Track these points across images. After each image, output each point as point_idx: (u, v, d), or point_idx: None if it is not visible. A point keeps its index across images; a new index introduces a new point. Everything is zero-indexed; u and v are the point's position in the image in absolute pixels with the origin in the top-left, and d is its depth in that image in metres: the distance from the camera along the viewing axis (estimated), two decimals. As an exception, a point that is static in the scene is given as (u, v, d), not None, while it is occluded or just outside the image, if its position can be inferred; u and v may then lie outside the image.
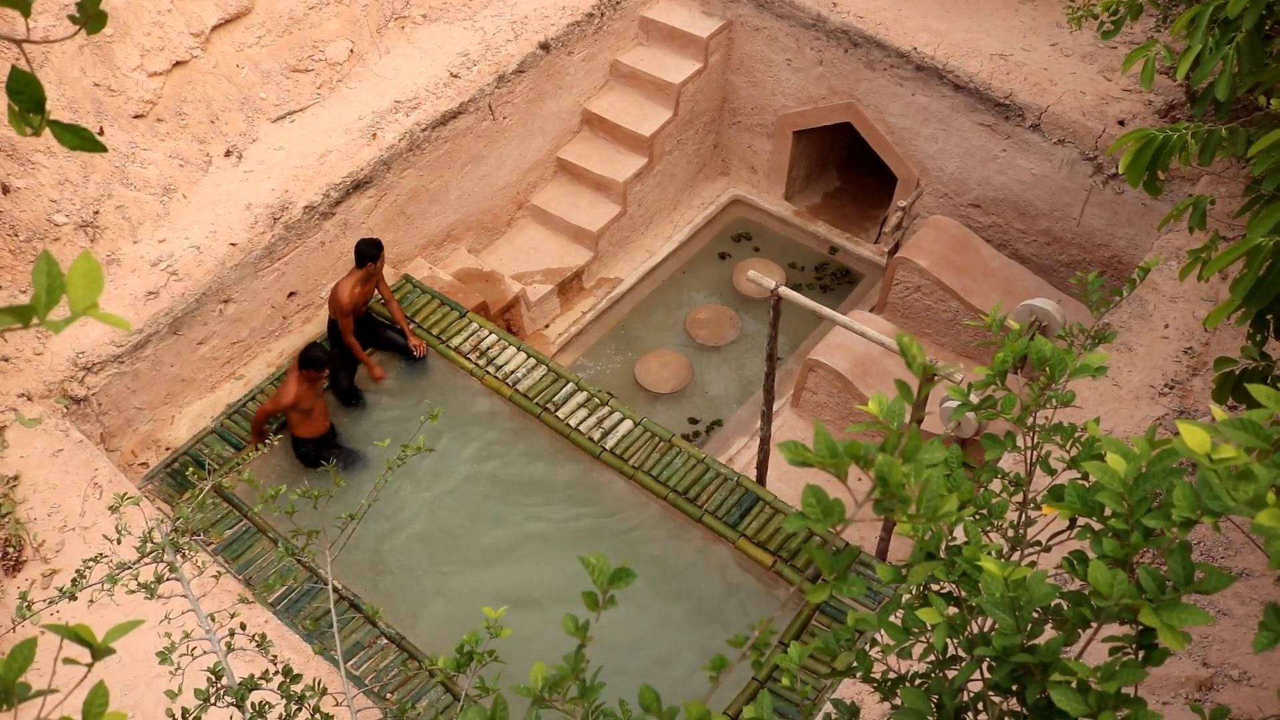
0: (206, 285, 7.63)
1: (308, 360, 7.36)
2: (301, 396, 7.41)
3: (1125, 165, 4.32)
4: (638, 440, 7.76)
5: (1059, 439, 2.87)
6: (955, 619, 2.34)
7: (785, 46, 10.02)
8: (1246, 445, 1.94)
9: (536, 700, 2.07)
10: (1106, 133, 8.39)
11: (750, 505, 7.36)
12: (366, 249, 7.88)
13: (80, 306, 1.16)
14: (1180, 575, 2.05)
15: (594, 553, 2.02)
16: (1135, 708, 2.03)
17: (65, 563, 6.14)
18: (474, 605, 7.09)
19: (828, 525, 1.80)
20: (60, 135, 1.47)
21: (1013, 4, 9.50)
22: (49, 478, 6.53)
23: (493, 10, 9.64)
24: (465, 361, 8.26)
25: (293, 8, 8.77)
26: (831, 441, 1.82)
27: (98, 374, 7.22)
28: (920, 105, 9.37)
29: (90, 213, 7.51)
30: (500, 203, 10.06)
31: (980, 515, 2.70)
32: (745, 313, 10.37)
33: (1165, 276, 7.21)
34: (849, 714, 2.71)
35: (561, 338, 9.97)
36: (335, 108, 8.75)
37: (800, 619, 6.83)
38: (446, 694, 6.39)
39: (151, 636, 3.88)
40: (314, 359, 7.36)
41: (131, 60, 7.89)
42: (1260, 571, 5.60)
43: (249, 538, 7.15)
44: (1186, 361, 6.74)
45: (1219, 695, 5.14)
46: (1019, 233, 9.53)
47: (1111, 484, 2.14)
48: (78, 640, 1.38)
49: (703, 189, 11.48)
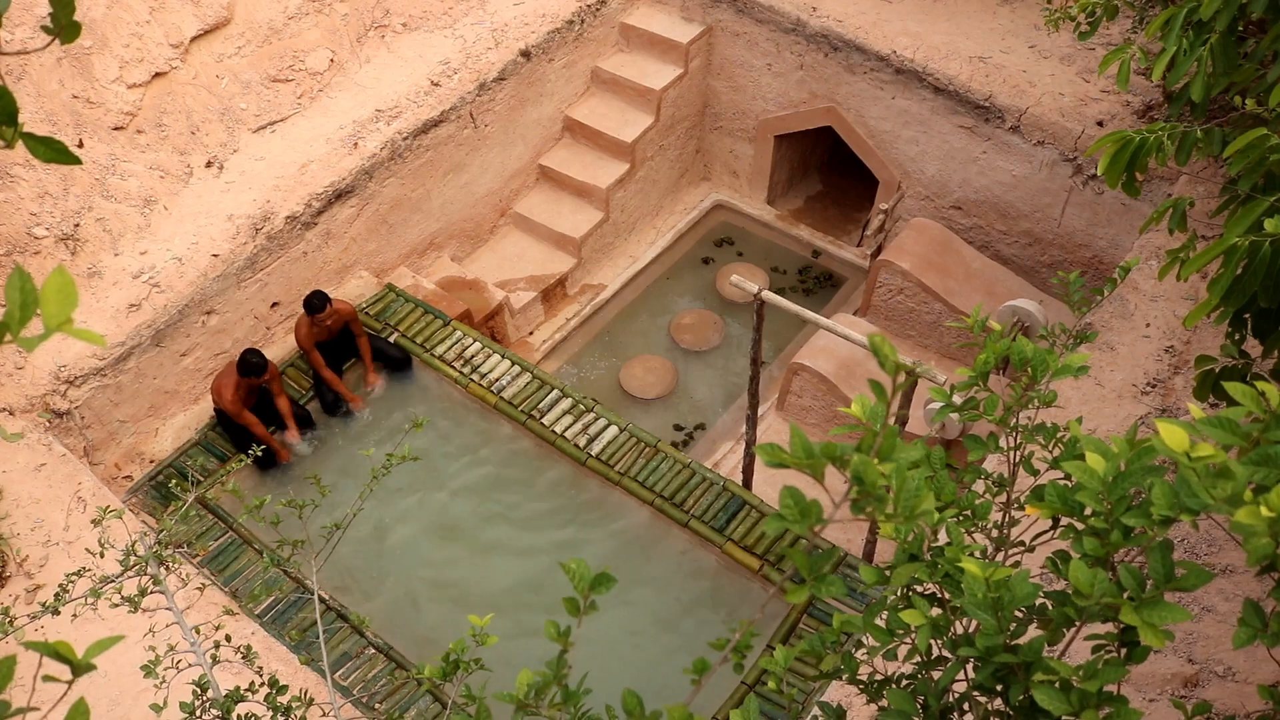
0: (189, 297, 7.60)
1: (245, 366, 7.41)
2: (240, 399, 7.51)
3: (1103, 167, 4.35)
4: (623, 446, 7.76)
5: (1041, 439, 2.88)
6: (939, 620, 2.34)
7: (765, 51, 10.05)
8: (1225, 443, 1.95)
9: (520, 707, 2.07)
10: (1086, 133, 8.44)
11: (736, 509, 7.37)
12: (309, 299, 7.79)
13: (54, 323, 1.16)
14: (1160, 573, 2.06)
15: (574, 558, 2.02)
16: (1117, 706, 2.03)
17: (49, 577, 6.10)
18: (460, 612, 7.07)
19: (806, 527, 1.80)
20: (33, 148, 1.47)
21: (991, 6, 9.55)
22: (32, 492, 6.49)
23: (473, 18, 9.64)
24: (449, 369, 8.25)
25: (272, 18, 8.75)
26: (807, 442, 1.82)
27: (80, 387, 7.18)
28: (901, 108, 9.41)
29: (71, 225, 7.47)
30: (483, 210, 10.05)
31: (964, 516, 2.71)
32: (729, 317, 10.39)
33: (1146, 276, 7.25)
34: (835, 716, 2.71)
35: (546, 344, 9.97)
36: (316, 117, 8.73)
37: (788, 622, 6.84)
38: (435, 703, 6.38)
39: (138, 650, 3.85)
40: (250, 364, 7.41)
41: (110, 72, 7.86)
42: (1243, 568, 5.63)
43: (234, 549, 7.12)
44: (1168, 360, 6.78)
45: (1204, 691, 5.17)
46: (1000, 234, 9.57)
47: (1091, 483, 2.15)
48: (57, 657, 1.37)
49: (685, 194, 11.50)
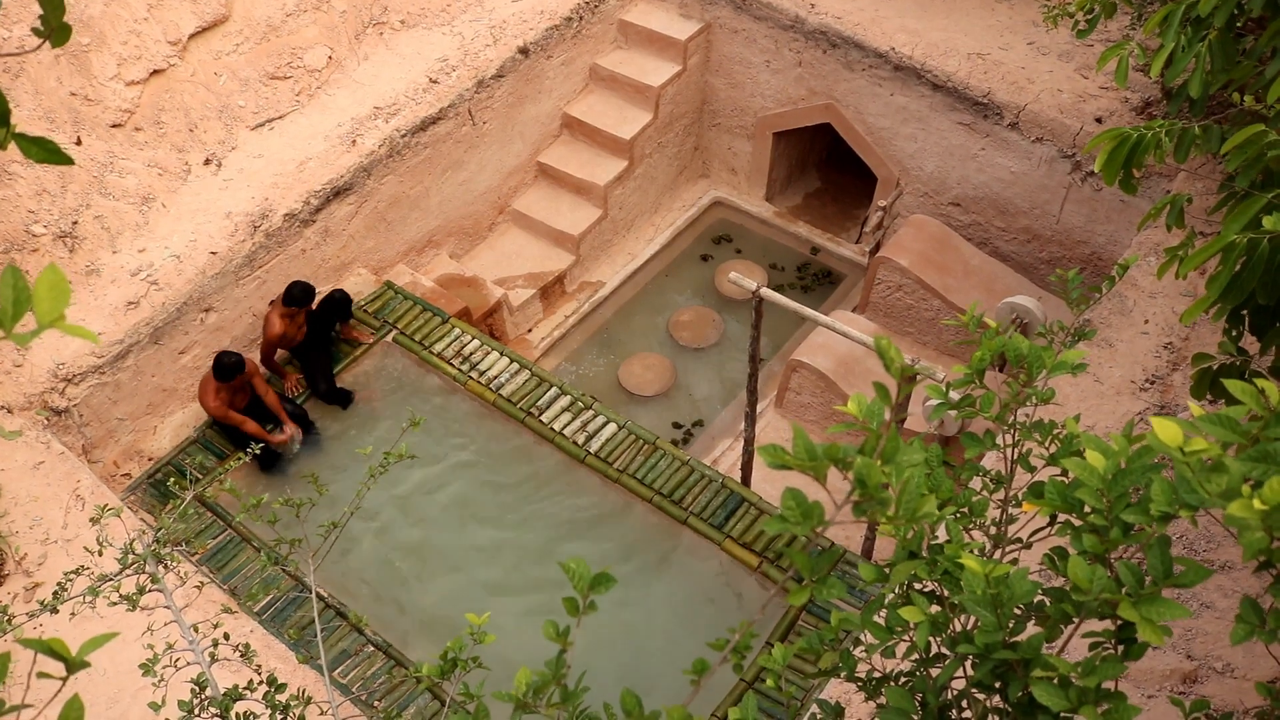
0: (187, 294, 7.59)
1: (221, 370, 7.40)
2: (224, 402, 7.51)
3: (1101, 164, 4.34)
4: (622, 443, 7.76)
5: (1039, 436, 2.88)
6: (938, 617, 2.34)
7: (764, 48, 10.04)
8: (1224, 441, 1.95)
9: (519, 705, 2.07)
10: (1084, 130, 8.43)
11: (735, 507, 7.36)
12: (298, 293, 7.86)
13: (47, 320, 1.15)
14: (1159, 570, 2.06)
15: (574, 558, 2.02)
16: (1116, 702, 2.03)
17: (48, 575, 6.10)
18: (458, 609, 7.07)
19: (807, 528, 1.80)
20: (26, 148, 1.46)
21: (989, 3, 9.54)
22: (31, 490, 6.49)
23: (471, 15, 9.63)
24: (448, 367, 8.24)
25: (270, 15, 8.74)
26: (810, 444, 1.82)
27: (78, 385, 7.17)
28: (899, 105, 9.41)
29: (69, 223, 7.47)
30: (481, 208, 10.05)
31: (961, 514, 2.71)
32: (728, 314, 10.38)
33: (1144, 272, 7.25)
34: (834, 714, 2.71)
35: (544, 342, 9.96)
36: (314, 115, 8.73)
37: (786, 619, 6.84)
38: (434, 700, 6.38)
39: (136, 648, 3.85)
40: (225, 367, 7.39)
41: (109, 69, 7.85)
42: (1242, 564, 5.63)
43: (233, 547, 7.12)
44: (1166, 356, 6.78)
45: (1203, 687, 5.17)
46: (999, 230, 9.57)
47: (1090, 480, 2.15)
48: (51, 654, 1.37)
49: (683, 191, 11.49)
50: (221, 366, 7.38)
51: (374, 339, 8.37)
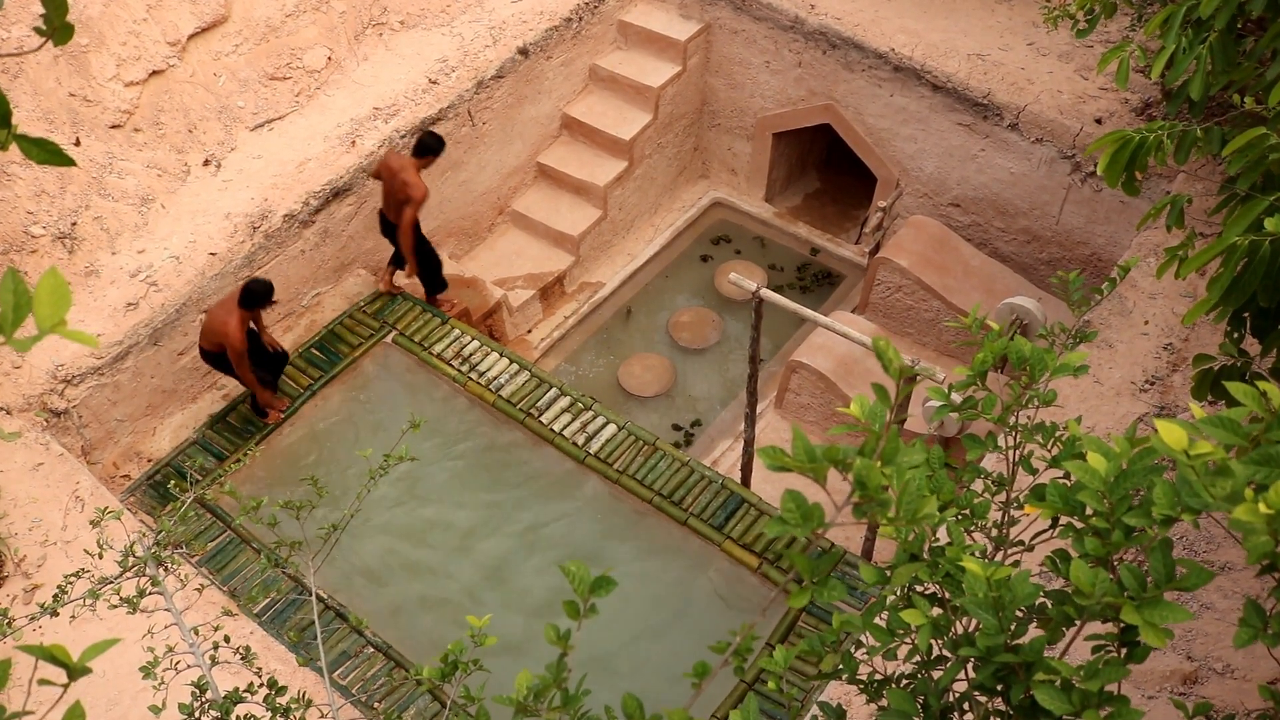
0: (186, 295, 7.58)
1: (249, 297, 7.21)
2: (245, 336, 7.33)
3: (1103, 167, 4.34)
4: (622, 444, 7.76)
5: (1040, 438, 2.87)
6: (939, 620, 2.34)
7: (763, 49, 10.04)
8: (1226, 443, 1.95)
9: (520, 709, 2.06)
10: (1084, 131, 8.43)
11: (735, 507, 7.36)
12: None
13: (47, 324, 1.15)
14: (1161, 573, 2.05)
15: (574, 560, 2.02)
16: (1118, 705, 2.03)
17: (47, 577, 6.09)
18: (458, 611, 7.06)
19: (807, 530, 1.79)
20: (26, 149, 1.46)
21: (989, 4, 9.54)
22: (30, 491, 6.48)
23: (471, 16, 9.62)
24: (448, 368, 8.23)
25: (270, 16, 8.73)
26: (809, 446, 1.81)
27: (78, 386, 7.16)
28: (899, 106, 9.40)
29: (68, 224, 7.46)
30: (481, 208, 10.04)
31: (963, 516, 2.70)
32: (727, 315, 10.38)
33: (1144, 273, 7.25)
34: (835, 716, 2.70)
35: (544, 343, 9.96)
36: (314, 115, 8.72)
37: (787, 621, 6.84)
38: (434, 702, 6.37)
39: (136, 651, 3.84)
40: (254, 294, 7.19)
41: (108, 70, 7.85)
42: (1242, 565, 5.63)
43: (233, 549, 7.11)
44: (1167, 358, 6.77)
45: (1204, 689, 5.17)
46: (999, 231, 9.57)
47: (1092, 483, 2.14)
48: (52, 660, 1.37)
49: (683, 192, 11.49)
50: (251, 294, 7.14)
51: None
